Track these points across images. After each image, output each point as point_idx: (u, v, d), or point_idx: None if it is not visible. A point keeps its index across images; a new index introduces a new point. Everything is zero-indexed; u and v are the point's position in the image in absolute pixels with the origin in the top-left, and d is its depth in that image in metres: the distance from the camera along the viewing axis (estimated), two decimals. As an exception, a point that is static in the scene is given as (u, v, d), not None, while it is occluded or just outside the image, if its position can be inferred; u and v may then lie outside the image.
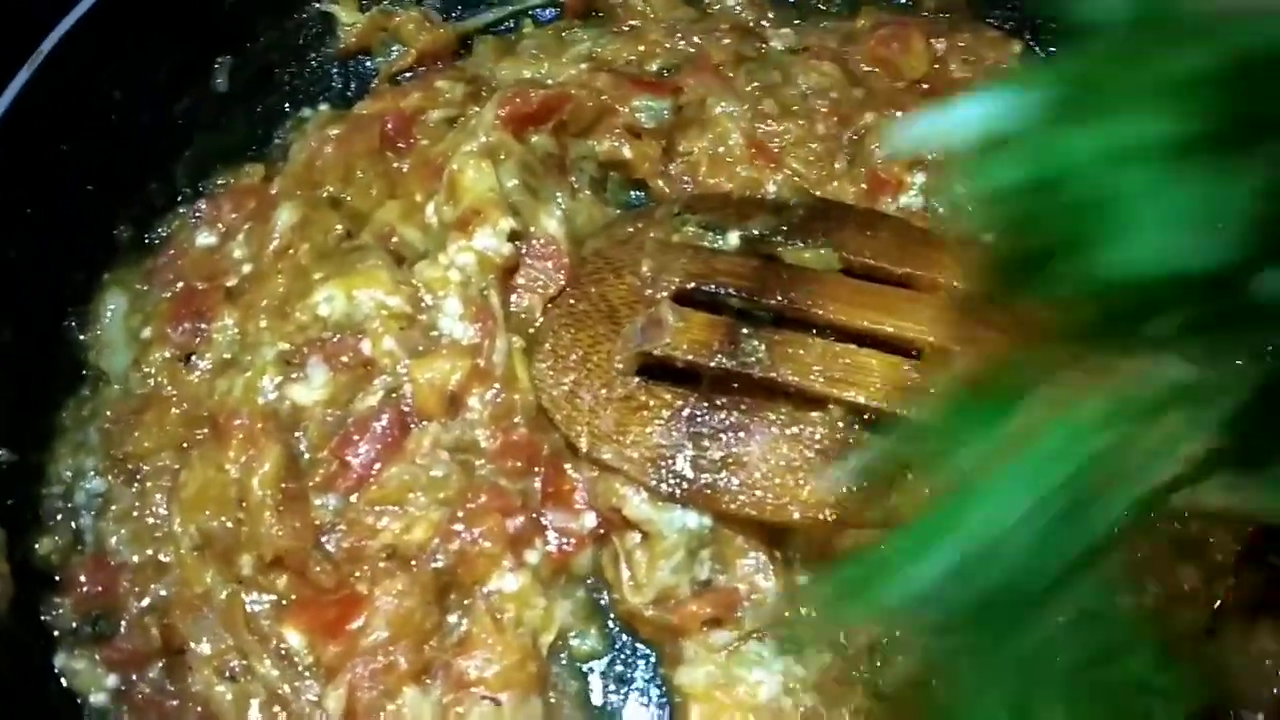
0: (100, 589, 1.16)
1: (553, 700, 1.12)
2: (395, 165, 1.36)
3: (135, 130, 1.34)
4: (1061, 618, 0.70)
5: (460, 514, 1.13)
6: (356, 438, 1.15)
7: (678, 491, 1.09)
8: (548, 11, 1.54)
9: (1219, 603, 1.12)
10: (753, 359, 1.09)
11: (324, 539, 1.12)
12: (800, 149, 1.32)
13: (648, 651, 1.16)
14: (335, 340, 1.18)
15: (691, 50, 1.43)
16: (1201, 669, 1.05)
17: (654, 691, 1.14)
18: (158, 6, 1.32)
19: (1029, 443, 0.69)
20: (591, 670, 1.15)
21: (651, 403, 1.12)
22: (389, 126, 1.36)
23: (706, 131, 1.34)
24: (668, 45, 1.43)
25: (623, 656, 1.16)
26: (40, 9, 1.23)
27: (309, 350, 1.18)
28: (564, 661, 1.14)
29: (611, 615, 1.16)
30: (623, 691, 1.15)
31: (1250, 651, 1.08)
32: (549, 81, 1.37)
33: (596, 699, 1.15)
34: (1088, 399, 0.68)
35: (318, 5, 1.47)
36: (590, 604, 1.16)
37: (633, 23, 1.48)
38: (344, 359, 1.17)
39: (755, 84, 1.38)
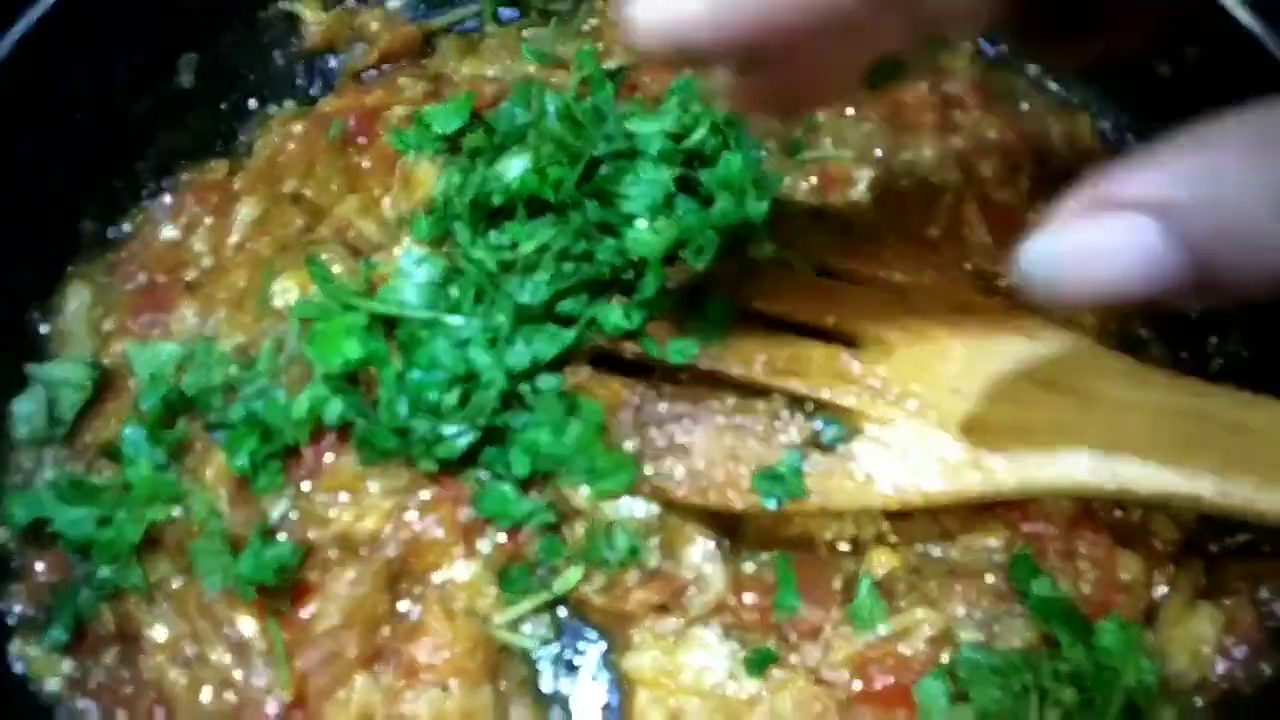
0: (57, 577, 1.17)
1: (502, 687, 1.14)
2: (356, 161, 1.38)
3: (99, 126, 1.36)
4: None
5: (412, 503, 1.14)
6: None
7: None
8: (511, 11, 1.56)
9: (1159, 592, 1.14)
10: None
11: (276, 527, 1.13)
12: (753, 144, 1.34)
13: (596, 638, 1.17)
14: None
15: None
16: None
17: (603, 677, 1.16)
18: (120, 3, 1.33)
19: None
20: (540, 657, 1.17)
21: (601, 392, 1.14)
22: (351, 123, 1.39)
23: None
24: (627, 44, 1.45)
25: (572, 643, 1.17)
26: (0, 3, 1.25)
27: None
28: (513, 648, 1.15)
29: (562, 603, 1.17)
30: (571, 677, 1.16)
31: (1188, 638, 1.10)
32: (507, 78, 1.39)
33: (546, 685, 1.16)
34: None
35: (282, 4, 1.49)
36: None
37: (593, 22, 1.50)
38: (299, 350, 1.18)
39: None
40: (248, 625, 1.11)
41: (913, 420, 1.05)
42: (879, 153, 1.32)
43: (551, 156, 1.15)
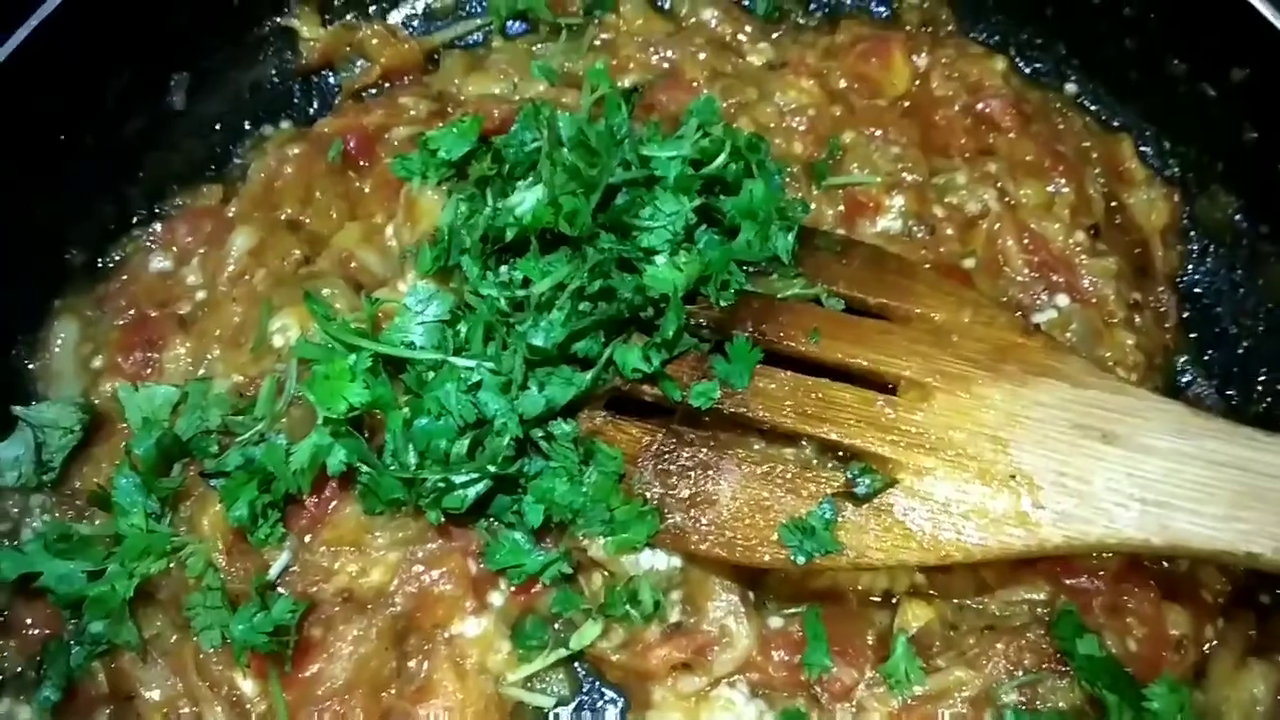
0: (47, 631, 1.11)
1: (518, 747, 1.09)
2: (356, 185, 1.32)
3: (86, 150, 1.30)
4: None
5: (420, 554, 1.09)
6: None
7: None
8: (518, 24, 1.49)
9: (1208, 645, 1.08)
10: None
11: (276, 582, 1.07)
12: (777, 169, 1.28)
13: (616, 697, 1.11)
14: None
15: (666, 65, 1.38)
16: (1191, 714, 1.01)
17: (622, 738, 1.10)
18: (108, 22, 1.26)
19: None
20: (558, 715, 1.11)
21: (619, 437, 1.08)
22: (350, 145, 1.32)
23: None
24: (641, 59, 1.39)
25: (590, 701, 1.12)
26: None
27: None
28: (528, 707, 1.10)
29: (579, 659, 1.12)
30: (590, 738, 1.11)
31: (1239, 696, 1.04)
32: (515, 98, 1.32)
33: (562, 745, 1.11)
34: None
35: (278, 20, 1.42)
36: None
37: (605, 36, 1.44)
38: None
39: (732, 100, 1.34)
40: (247, 685, 1.06)
41: (952, 471, 0.99)
42: (909, 177, 1.26)
43: (564, 186, 1.08)
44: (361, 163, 1.33)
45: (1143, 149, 1.35)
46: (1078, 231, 1.23)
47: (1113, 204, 1.28)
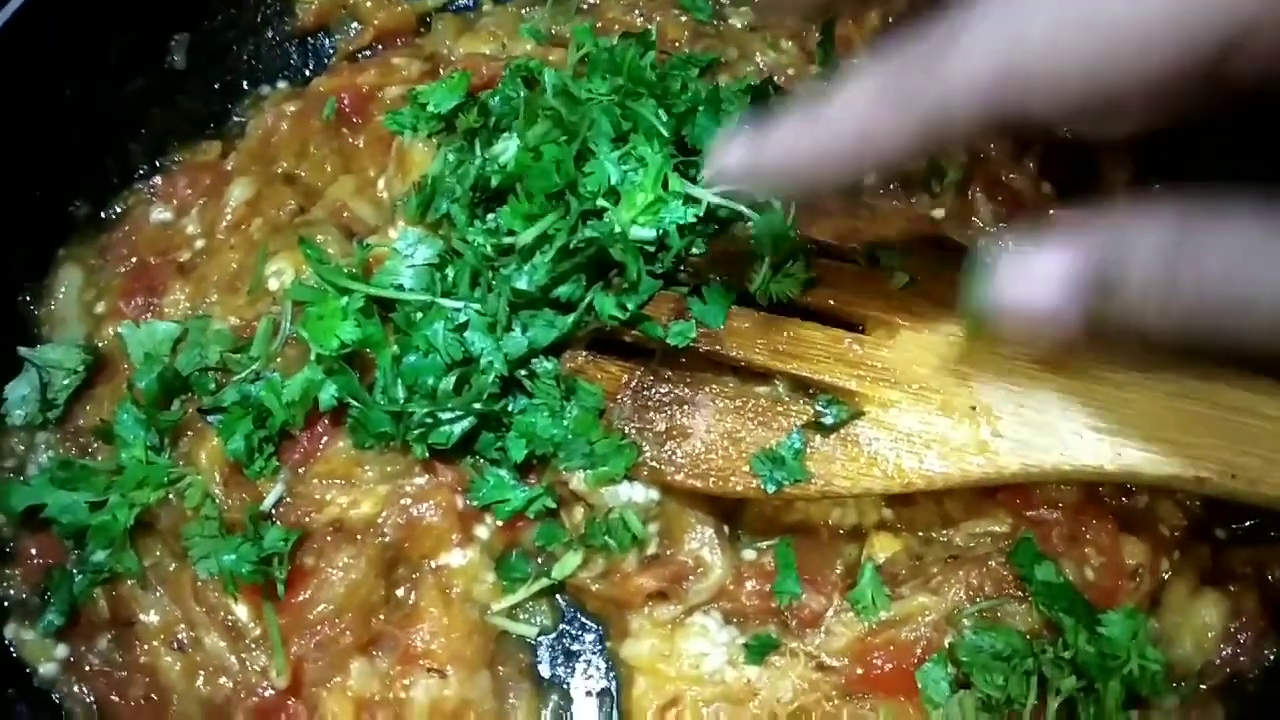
0: (50, 560, 1.16)
1: (501, 674, 1.13)
2: (350, 141, 1.36)
3: (90, 108, 1.34)
4: None
5: (408, 488, 1.13)
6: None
7: None
8: (509, -11, 1.53)
9: (1165, 575, 1.12)
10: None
11: (269, 513, 1.12)
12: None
13: (594, 625, 1.16)
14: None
15: (649, 26, 1.42)
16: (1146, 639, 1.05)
17: (600, 664, 1.15)
18: (111, -17, 1.31)
19: None
20: (540, 643, 1.16)
21: (599, 376, 1.12)
22: (345, 103, 1.36)
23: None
24: (626, 20, 1.43)
25: (570, 630, 1.16)
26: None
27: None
28: (512, 635, 1.14)
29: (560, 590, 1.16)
30: (570, 664, 1.15)
31: (1193, 624, 1.09)
32: (504, 56, 1.36)
33: (544, 671, 1.15)
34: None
35: (275, -18, 1.47)
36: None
37: (591, 1, 1.48)
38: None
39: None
40: (241, 610, 1.10)
41: (916, 404, 1.03)
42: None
43: (547, 136, 1.13)
44: (355, 120, 1.37)
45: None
46: (1044, 183, 1.27)
47: (1080, 155, 1.32)
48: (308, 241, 1.16)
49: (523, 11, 1.47)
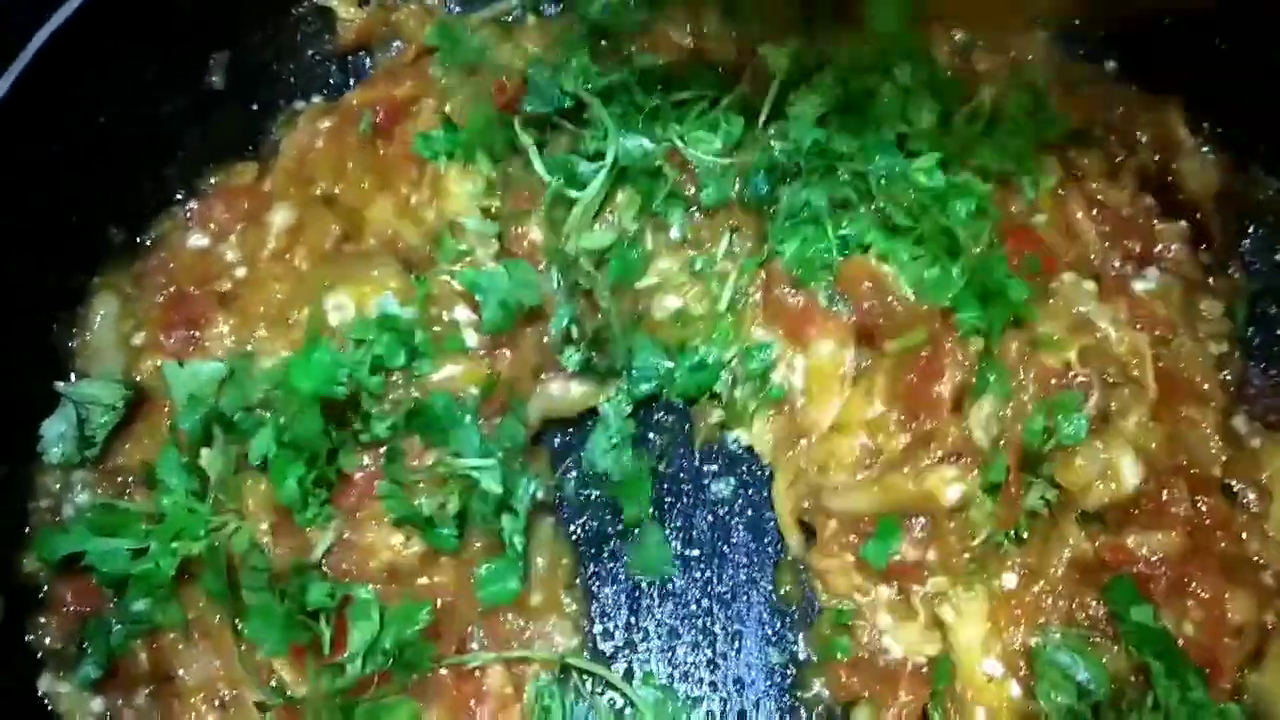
0: (87, 608, 1.10)
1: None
2: (382, 154, 1.30)
3: (126, 130, 1.28)
4: None
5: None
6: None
7: None
8: (552, 7, 1.47)
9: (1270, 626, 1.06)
10: None
11: (321, 560, 1.06)
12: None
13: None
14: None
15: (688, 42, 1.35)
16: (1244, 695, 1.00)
17: None
18: (150, 3, 1.25)
19: None
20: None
21: None
22: (380, 116, 1.30)
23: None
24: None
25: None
26: (26, 8, 1.17)
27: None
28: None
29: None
30: None
31: (1297, 678, 1.02)
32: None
33: None
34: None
35: (316, 0, 1.41)
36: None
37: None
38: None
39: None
40: (285, 671, 1.04)
41: None
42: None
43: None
44: (390, 131, 1.30)
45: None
46: (1146, 197, 1.21)
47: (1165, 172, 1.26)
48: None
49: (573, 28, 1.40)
